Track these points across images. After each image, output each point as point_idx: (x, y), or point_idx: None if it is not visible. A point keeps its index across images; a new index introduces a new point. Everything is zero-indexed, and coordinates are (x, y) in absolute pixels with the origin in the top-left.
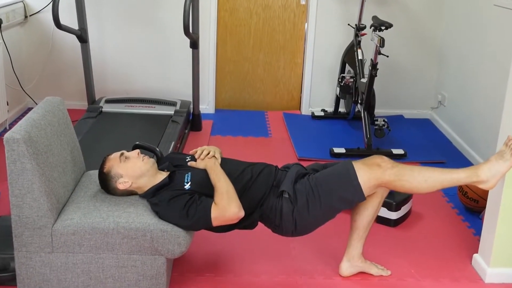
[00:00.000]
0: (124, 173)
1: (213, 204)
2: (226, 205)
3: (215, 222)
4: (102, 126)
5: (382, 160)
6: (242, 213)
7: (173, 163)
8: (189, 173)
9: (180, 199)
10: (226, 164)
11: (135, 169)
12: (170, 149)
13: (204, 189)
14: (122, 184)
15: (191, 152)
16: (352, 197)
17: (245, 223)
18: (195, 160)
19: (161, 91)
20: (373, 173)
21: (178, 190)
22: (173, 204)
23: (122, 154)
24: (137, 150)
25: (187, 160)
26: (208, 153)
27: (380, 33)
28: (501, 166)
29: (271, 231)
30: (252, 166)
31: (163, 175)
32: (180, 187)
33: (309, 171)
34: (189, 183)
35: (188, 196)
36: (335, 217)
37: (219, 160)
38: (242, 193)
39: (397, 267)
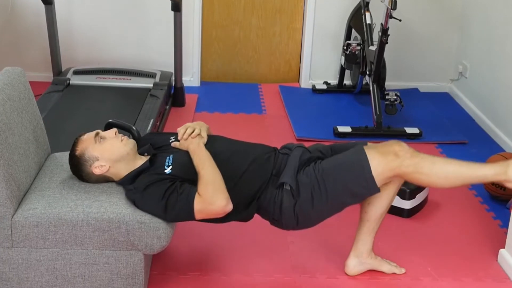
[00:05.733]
0: (100, 156)
1: (196, 195)
2: (211, 197)
3: (198, 216)
4: (69, 101)
5: (400, 148)
6: (230, 207)
7: (154, 145)
8: (171, 155)
9: (158, 186)
10: (214, 143)
11: (113, 151)
12: (149, 128)
13: (188, 175)
14: (98, 168)
15: (178, 131)
16: (363, 191)
17: (238, 217)
18: (178, 140)
19: (138, 60)
20: (389, 164)
21: (157, 175)
22: (151, 192)
23: (97, 134)
24: (114, 129)
25: (170, 140)
26: (193, 132)
27: None
28: None
29: (269, 223)
30: (246, 148)
31: (143, 160)
32: (159, 171)
33: (313, 152)
34: (170, 167)
35: (168, 183)
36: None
37: (205, 139)
38: (234, 182)
39: (412, 264)
